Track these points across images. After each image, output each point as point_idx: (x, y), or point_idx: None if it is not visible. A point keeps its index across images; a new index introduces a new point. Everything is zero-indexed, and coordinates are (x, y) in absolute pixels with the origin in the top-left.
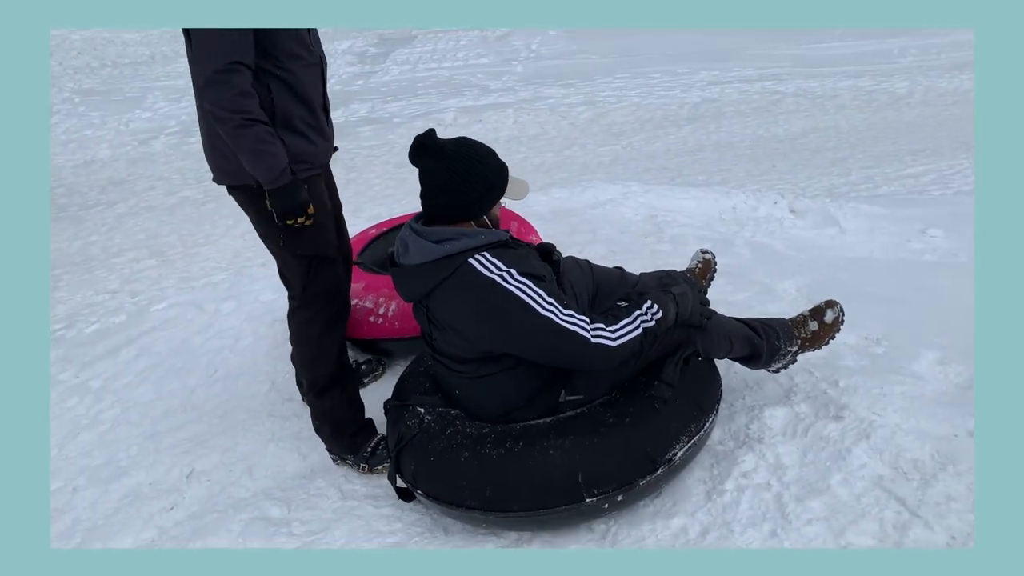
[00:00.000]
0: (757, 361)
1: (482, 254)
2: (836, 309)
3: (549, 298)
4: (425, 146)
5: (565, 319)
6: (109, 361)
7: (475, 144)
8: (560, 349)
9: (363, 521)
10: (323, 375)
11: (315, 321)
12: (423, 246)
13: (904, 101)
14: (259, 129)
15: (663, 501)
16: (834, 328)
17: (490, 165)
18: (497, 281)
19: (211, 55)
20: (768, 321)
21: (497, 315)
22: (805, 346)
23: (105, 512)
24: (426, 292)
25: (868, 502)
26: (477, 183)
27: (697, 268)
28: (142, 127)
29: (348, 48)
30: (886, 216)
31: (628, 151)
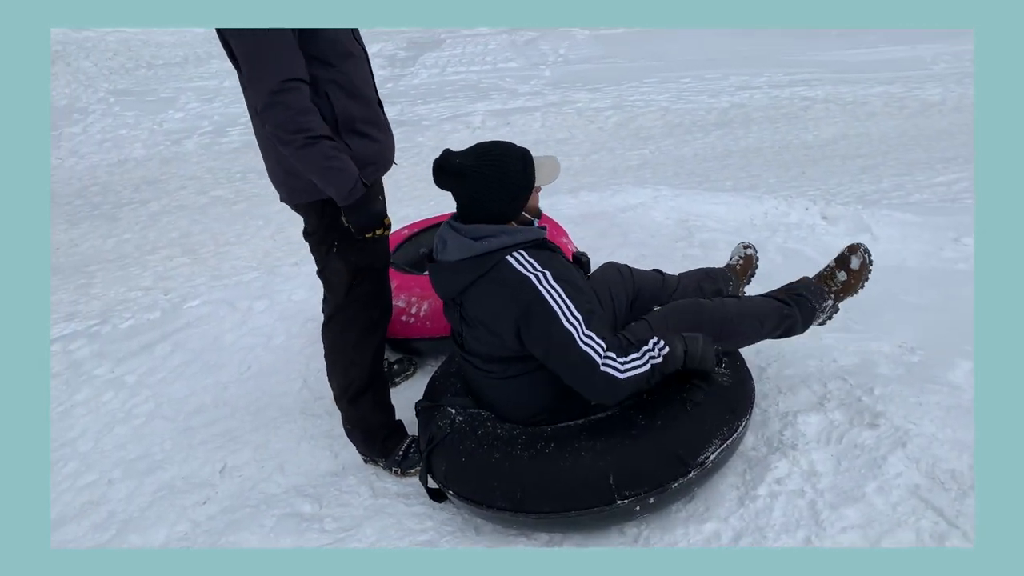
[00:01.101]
0: (794, 331)
1: (520, 251)
2: (860, 252)
3: (576, 312)
4: (444, 168)
5: (584, 339)
6: (144, 357)
7: (492, 150)
8: (570, 367)
9: (394, 519)
10: (356, 381)
11: (352, 327)
12: (461, 243)
13: (936, 108)
14: (324, 146)
15: (695, 506)
16: (864, 272)
17: (512, 169)
18: (531, 280)
19: (263, 77)
20: (794, 287)
21: (523, 313)
22: (840, 296)
23: (140, 505)
24: (463, 288)
25: (904, 511)
26: (504, 191)
27: (738, 264)
28: (175, 127)
29: (378, 51)
30: (918, 224)
31: (656, 156)
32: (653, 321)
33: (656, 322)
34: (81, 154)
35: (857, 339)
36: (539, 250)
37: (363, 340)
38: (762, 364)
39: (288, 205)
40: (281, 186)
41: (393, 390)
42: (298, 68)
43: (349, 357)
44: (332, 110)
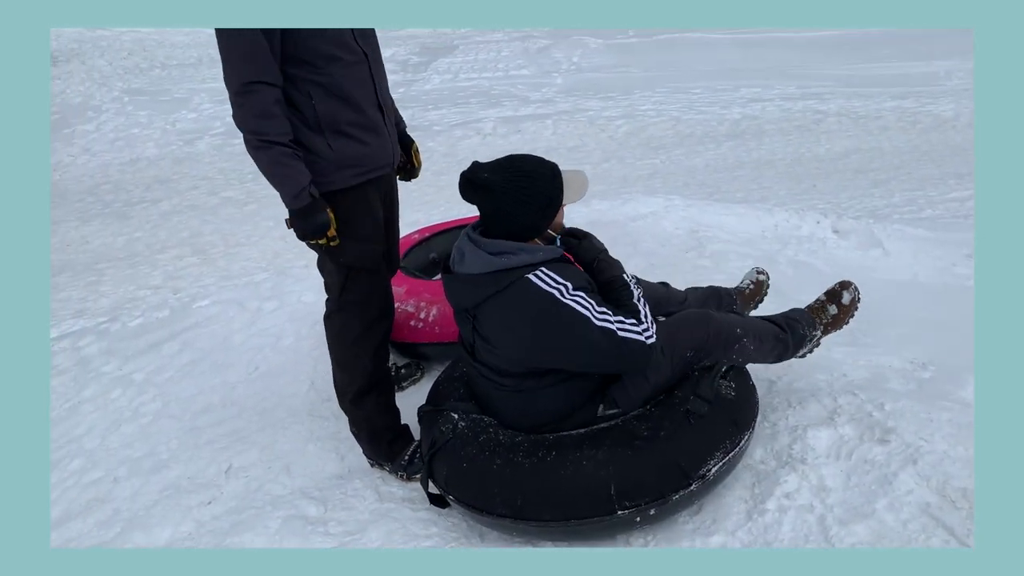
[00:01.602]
0: (785, 356)
1: (540, 270)
2: (851, 290)
3: (601, 308)
4: (474, 183)
5: (618, 328)
6: (152, 355)
7: (521, 165)
8: (623, 357)
9: (399, 523)
10: (358, 381)
11: (349, 327)
12: (480, 256)
13: (950, 124)
14: (275, 151)
15: (702, 518)
16: (852, 308)
17: (542, 184)
18: (556, 296)
19: (231, 77)
20: (788, 314)
21: (558, 329)
22: (828, 330)
23: (145, 503)
24: (478, 302)
25: (915, 528)
26: (533, 207)
27: (748, 289)
28: (188, 127)
29: (391, 56)
30: (930, 239)
31: (667, 165)
32: (661, 333)
33: (664, 332)
34: (94, 152)
35: (868, 354)
36: (557, 266)
37: (360, 342)
38: (772, 377)
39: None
40: None
41: (400, 394)
42: (264, 71)
43: (347, 358)
44: (313, 110)
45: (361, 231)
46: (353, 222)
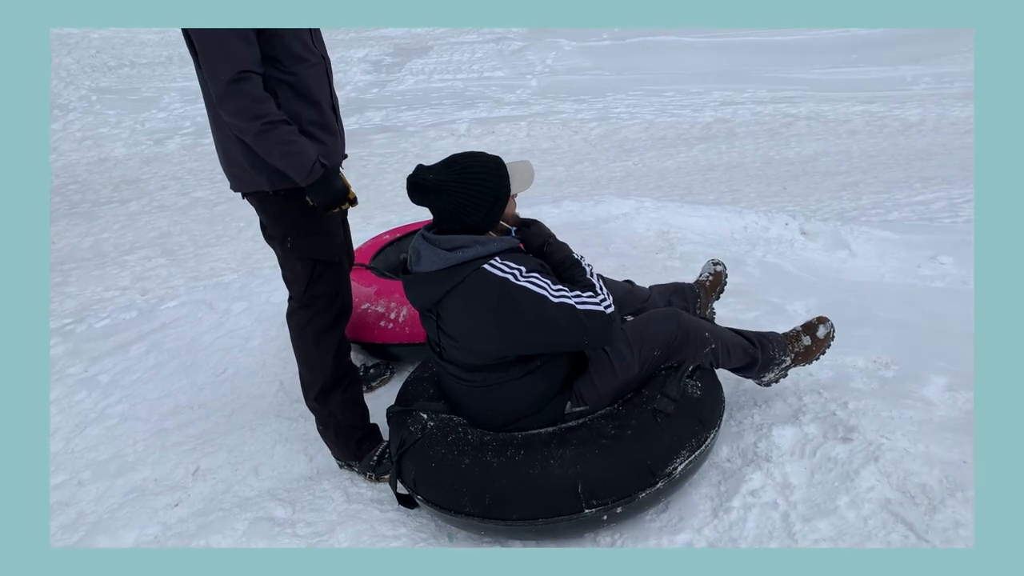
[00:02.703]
0: (751, 370)
1: (495, 259)
2: (828, 325)
3: (557, 286)
4: (419, 185)
5: (577, 301)
6: (118, 357)
7: (464, 163)
8: (587, 330)
9: (368, 524)
10: (323, 378)
11: (313, 324)
12: (436, 254)
13: (916, 128)
14: (282, 130)
15: (669, 516)
16: (825, 344)
17: (488, 180)
18: (510, 280)
19: (220, 68)
20: (763, 333)
21: (515, 312)
22: (798, 360)
23: (110, 507)
24: (438, 299)
25: (875, 525)
26: (481, 203)
27: (708, 281)
28: (157, 127)
29: (364, 56)
30: (896, 241)
31: (639, 168)
32: (629, 330)
33: (631, 331)
34: (60, 151)
35: (832, 353)
36: (511, 254)
37: (326, 336)
38: (739, 377)
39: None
40: (228, 174)
41: (370, 395)
42: (253, 61)
43: (312, 354)
44: (279, 109)
45: (324, 225)
46: (316, 216)
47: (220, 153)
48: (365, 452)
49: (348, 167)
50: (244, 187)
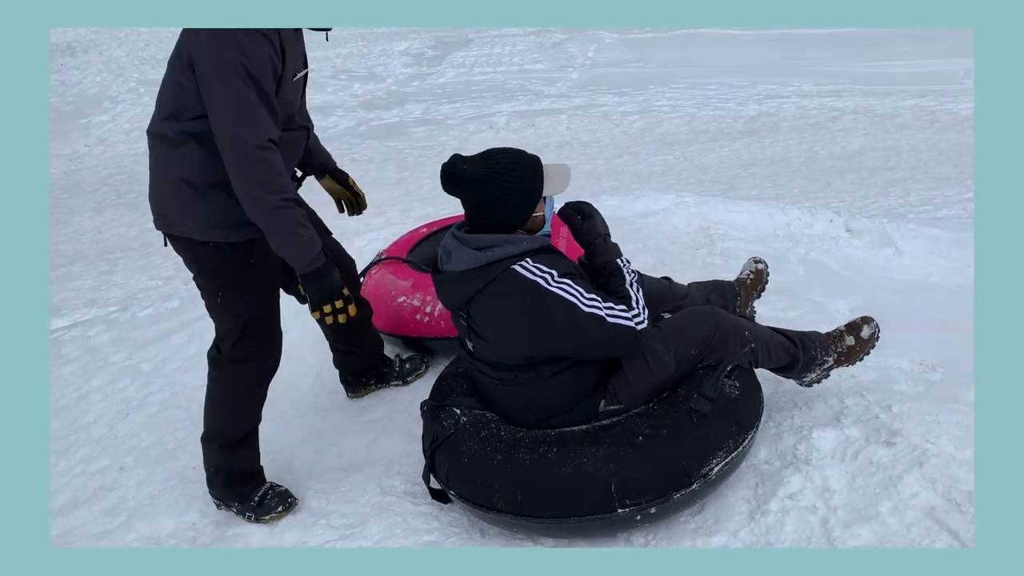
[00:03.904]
0: (792, 370)
1: (525, 260)
2: (872, 325)
3: (590, 294)
4: (453, 175)
5: (609, 313)
6: (161, 345)
7: (501, 157)
8: (612, 345)
9: (400, 517)
10: (233, 431)
11: (241, 380)
12: (466, 253)
13: (968, 123)
14: (297, 211)
15: (704, 518)
16: (869, 344)
17: (522, 175)
18: (541, 284)
19: (251, 131)
20: (805, 332)
21: (544, 317)
22: (841, 361)
23: (150, 493)
24: (468, 298)
25: (919, 532)
26: (513, 198)
27: (749, 279)
28: None
29: (405, 49)
30: (945, 240)
31: (680, 162)
32: (666, 327)
33: (668, 328)
34: (109, 142)
35: (876, 354)
36: (542, 254)
37: (249, 394)
38: (779, 377)
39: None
40: (154, 210)
41: (405, 388)
42: (275, 130)
43: (231, 409)
44: None
45: (259, 280)
46: (251, 271)
47: (153, 188)
48: (248, 495)
49: (388, 159)
50: (171, 228)
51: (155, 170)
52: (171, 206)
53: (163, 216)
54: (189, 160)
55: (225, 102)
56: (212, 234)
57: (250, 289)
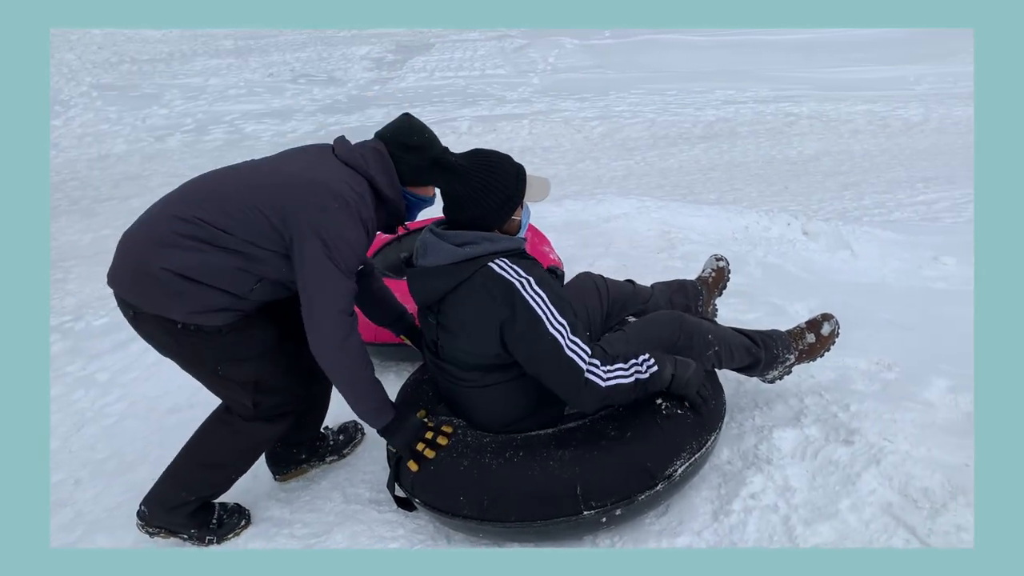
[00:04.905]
0: (755, 369)
1: (503, 259)
2: (832, 322)
3: (560, 318)
4: (440, 163)
5: (569, 345)
6: (117, 355)
7: (489, 156)
8: (554, 373)
9: (365, 525)
10: (206, 493)
11: (263, 433)
12: (444, 248)
13: (918, 128)
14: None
15: (669, 519)
16: (830, 341)
17: (506, 176)
18: (516, 286)
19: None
20: (766, 331)
21: (509, 317)
22: (802, 357)
23: (108, 506)
24: (443, 294)
25: (877, 528)
26: (495, 196)
27: (710, 277)
28: (158, 123)
29: (366, 54)
30: (898, 242)
31: (641, 166)
32: (630, 332)
33: (633, 333)
34: (61, 147)
35: (834, 355)
36: (520, 258)
37: (253, 451)
38: (740, 378)
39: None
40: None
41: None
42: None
43: (231, 467)
44: (249, 290)
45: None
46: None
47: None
48: (206, 519)
49: None
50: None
51: (145, 247)
52: (150, 279)
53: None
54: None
55: (317, 276)
56: (190, 315)
57: (245, 358)
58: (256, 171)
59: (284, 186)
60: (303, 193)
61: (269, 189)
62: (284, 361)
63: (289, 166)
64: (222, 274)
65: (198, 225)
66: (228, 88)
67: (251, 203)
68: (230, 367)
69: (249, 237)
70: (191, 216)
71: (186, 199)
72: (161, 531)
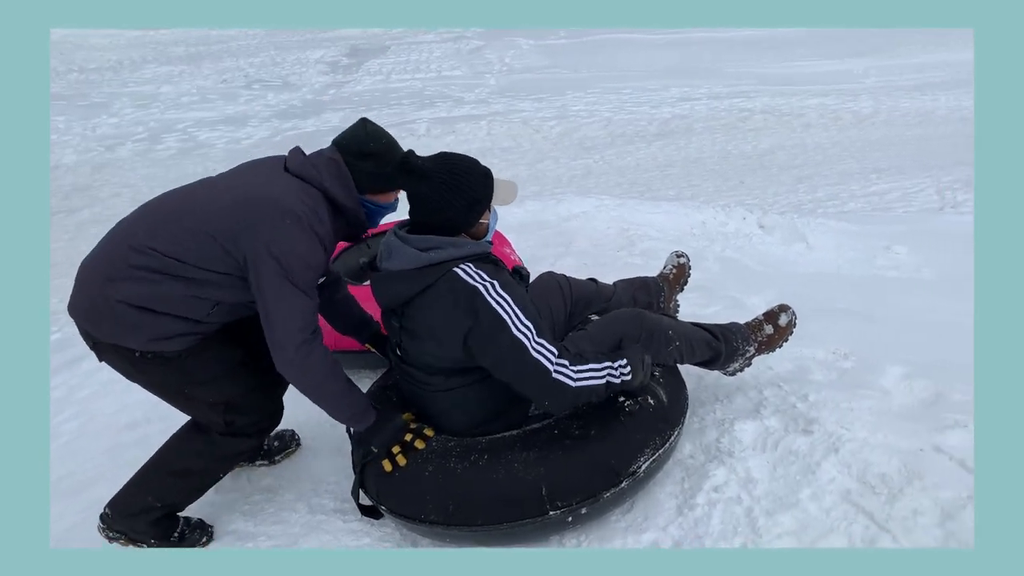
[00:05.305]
0: (715, 363)
1: (467, 264)
2: (789, 313)
3: (526, 320)
4: (409, 167)
5: (535, 346)
6: (70, 372)
7: (456, 159)
8: (521, 375)
9: (331, 535)
10: (169, 503)
11: (236, 446)
12: (408, 252)
13: (869, 120)
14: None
15: (634, 516)
16: (787, 331)
17: (474, 179)
18: (480, 291)
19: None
20: (725, 325)
21: (474, 323)
22: (761, 349)
23: (66, 526)
24: (407, 298)
25: (837, 516)
26: (462, 199)
27: (671, 273)
28: (108, 133)
29: (320, 58)
30: (852, 233)
31: (600, 165)
32: (593, 331)
33: (596, 332)
34: None
35: (792, 346)
36: (485, 263)
37: (228, 462)
38: (700, 372)
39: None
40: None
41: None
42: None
43: (202, 480)
44: (206, 313)
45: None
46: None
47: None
48: (169, 531)
49: None
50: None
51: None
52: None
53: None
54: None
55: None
56: (145, 343)
57: (219, 375)
58: (210, 190)
59: (234, 206)
60: (252, 212)
61: (219, 212)
62: (252, 379)
63: (240, 184)
64: (178, 302)
65: (151, 255)
66: (180, 95)
67: (202, 228)
68: (196, 389)
69: (202, 264)
70: (144, 247)
71: (141, 227)
72: (121, 537)
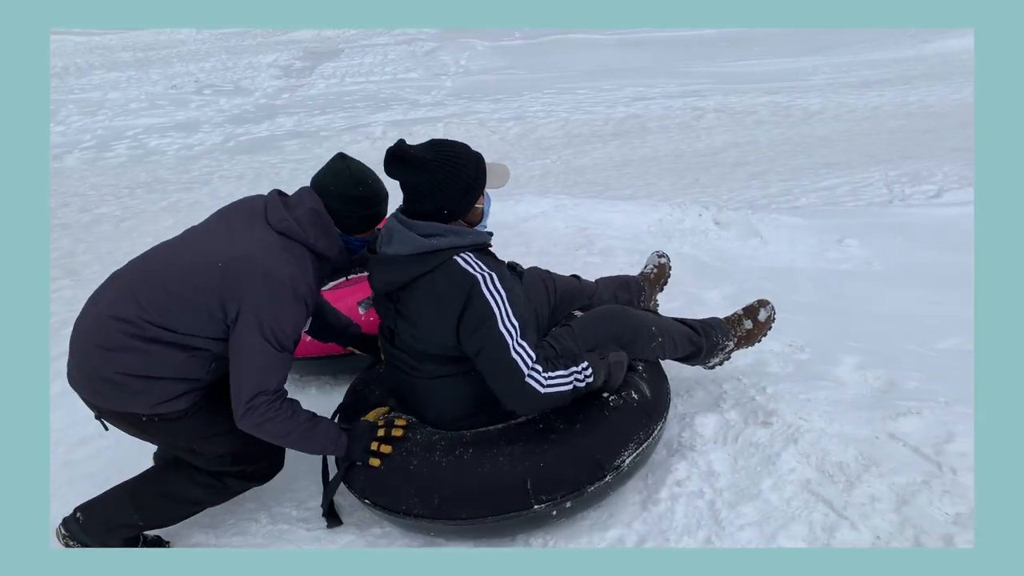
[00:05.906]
0: (697, 358)
1: (468, 253)
2: (768, 308)
3: (514, 318)
4: (399, 157)
5: (516, 347)
6: None
7: (448, 146)
8: (495, 371)
9: (294, 545)
10: (175, 522)
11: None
12: (410, 238)
13: (818, 117)
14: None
15: (599, 513)
16: (767, 326)
17: (466, 165)
18: (478, 280)
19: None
20: (705, 320)
21: (465, 309)
22: (741, 343)
23: None
24: (404, 283)
25: (797, 505)
26: (456, 186)
27: (652, 273)
28: (55, 141)
29: (272, 61)
30: (805, 227)
31: (557, 165)
32: (577, 327)
33: (580, 328)
34: None
35: None
36: (485, 254)
37: (230, 496)
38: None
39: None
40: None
41: (316, 396)
42: None
43: (191, 502)
44: (205, 373)
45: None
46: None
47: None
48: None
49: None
50: (110, 405)
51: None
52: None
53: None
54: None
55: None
56: (153, 405)
57: (222, 431)
58: (193, 247)
59: (221, 272)
60: (240, 279)
61: (207, 277)
62: None
63: (225, 242)
64: (177, 365)
65: (142, 327)
66: (129, 102)
67: (187, 294)
68: (203, 444)
69: (193, 331)
70: (135, 318)
71: (130, 295)
72: (80, 546)
